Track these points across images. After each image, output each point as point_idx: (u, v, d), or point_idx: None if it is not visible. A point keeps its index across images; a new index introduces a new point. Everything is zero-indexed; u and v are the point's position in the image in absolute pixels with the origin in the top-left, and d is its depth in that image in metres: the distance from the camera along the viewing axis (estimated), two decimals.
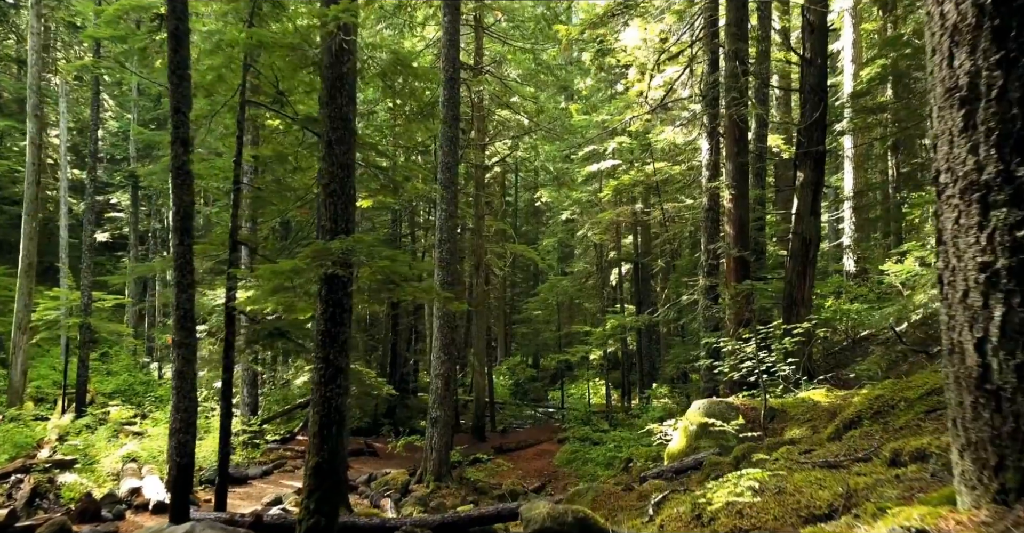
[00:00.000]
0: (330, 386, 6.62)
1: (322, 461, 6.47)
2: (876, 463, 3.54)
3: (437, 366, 14.04)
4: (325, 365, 6.66)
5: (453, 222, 14.29)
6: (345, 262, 6.57)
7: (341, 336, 6.73)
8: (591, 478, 15.52)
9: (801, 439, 6.64)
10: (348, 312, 6.82)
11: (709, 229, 13.06)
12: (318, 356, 6.71)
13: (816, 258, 12.26)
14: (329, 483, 6.48)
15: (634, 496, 6.96)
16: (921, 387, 5.26)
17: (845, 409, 7.17)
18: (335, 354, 6.69)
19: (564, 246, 34.44)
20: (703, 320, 12.67)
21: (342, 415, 6.67)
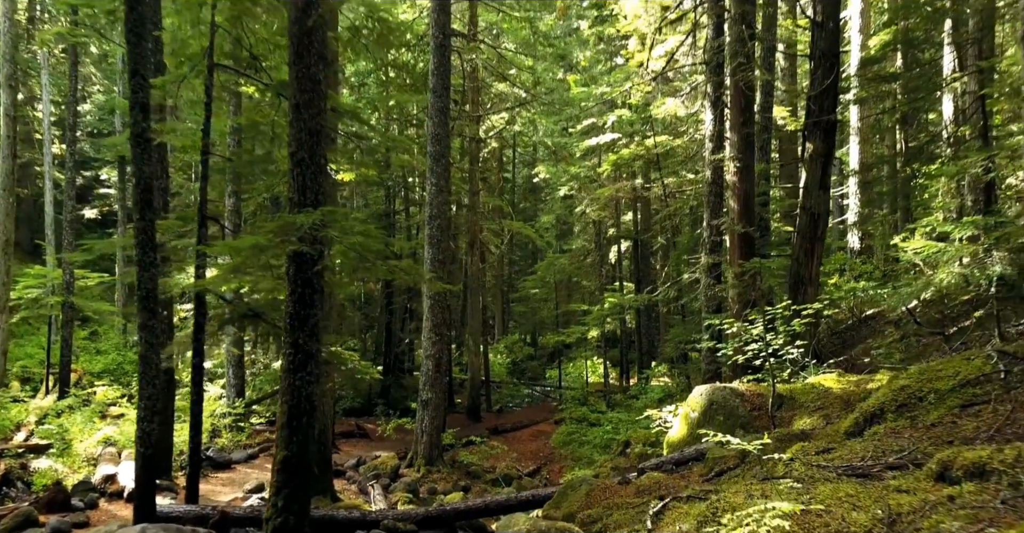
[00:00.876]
0: (300, 374, 6.06)
1: (291, 455, 5.93)
2: (918, 476, 2.98)
3: (428, 347, 13.51)
4: (294, 351, 6.09)
5: (444, 197, 13.66)
6: (313, 238, 5.96)
7: (311, 319, 6.15)
8: (588, 461, 15.08)
9: (814, 431, 6.09)
10: (319, 293, 6.23)
11: (712, 204, 12.43)
12: (287, 341, 6.14)
13: (824, 234, 11.65)
14: (299, 479, 5.95)
15: (631, 492, 6.44)
16: (952, 377, 4.69)
17: (861, 397, 6.63)
18: (305, 338, 6.11)
19: (562, 223, 33.79)
20: (705, 300, 12.10)
21: (313, 405, 6.11)
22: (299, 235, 5.93)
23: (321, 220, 5.92)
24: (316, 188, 6.26)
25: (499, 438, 18.09)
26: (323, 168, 6.33)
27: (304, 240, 6.02)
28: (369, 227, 6.37)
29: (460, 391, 24.78)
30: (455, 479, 13.18)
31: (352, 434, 17.15)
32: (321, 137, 6.37)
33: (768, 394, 7.65)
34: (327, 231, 5.85)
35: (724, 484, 5.59)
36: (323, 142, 6.38)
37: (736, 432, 7.37)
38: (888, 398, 4.93)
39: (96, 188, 33.04)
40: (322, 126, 6.36)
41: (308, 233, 5.94)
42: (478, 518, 7.55)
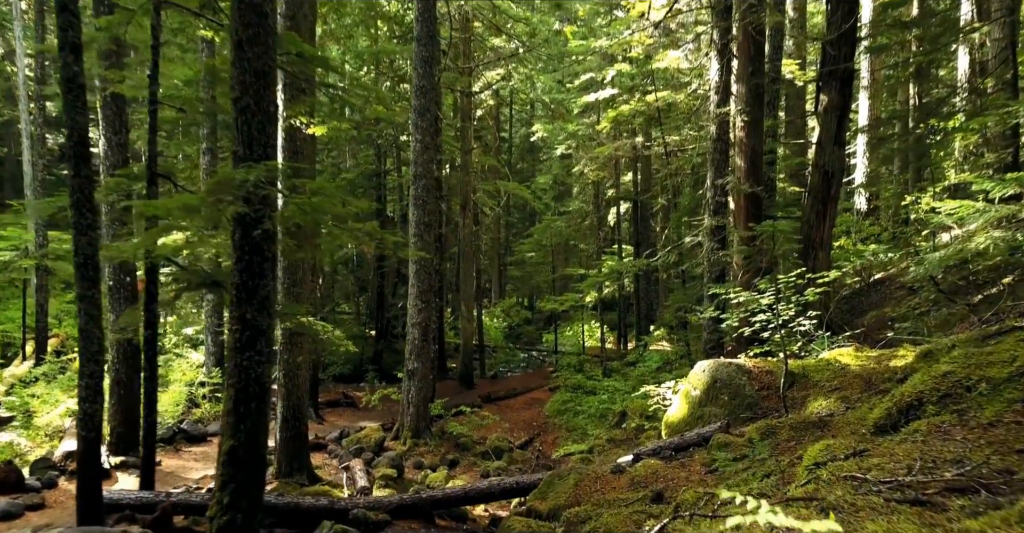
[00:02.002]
0: (248, 353, 5.30)
1: (238, 445, 5.21)
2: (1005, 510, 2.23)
3: (414, 315, 12.78)
4: (241, 326, 5.32)
5: (430, 155, 12.75)
6: (257, 198, 5.14)
7: (261, 290, 5.36)
8: (582, 432, 14.50)
9: (832, 417, 5.36)
10: (270, 261, 5.43)
11: (717, 162, 11.54)
12: (233, 315, 5.37)
13: (839, 194, 10.81)
14: (248, 472, 5.24)
15: (625, 483, 5.75)
16: (1008, 363, 3.93)
17: (884, 377, 5.90)
18: (254, 313, 5.34)
19: (560, 184, 32.84)
20: (707, 265, 11.32)
21: (264, 388, 5.37)
22: (240, 194, 5.11)
23: (267, 177, 5.08)
24: (264, 140, 5.41)
25: (491, 406, 17.50)
26: (272, 117, 5.47)
27: (250, 200, 5.20)
28: (325, 184, 5.55)
29: (454, 355, 24.19)
30: (443, 452, 12.59)
31: (338, 403, 16.55)
32: (270, 80, 5.49)
33: (778, 371, 6.93)
34: (272, 190, 5.02)
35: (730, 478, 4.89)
36: (272, 86, 5.50)
37: (743, 413, 6.67)
38: (928, 386, 4.17)
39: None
40: (270, 67, 5.48)
41: (251, 192, 5.12)
42: (457, 507, 6.90)
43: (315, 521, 6.71)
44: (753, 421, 6.51)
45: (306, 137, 9.71)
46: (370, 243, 5.83)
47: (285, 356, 9.73)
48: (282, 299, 9.72)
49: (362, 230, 5.71)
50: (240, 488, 5.19)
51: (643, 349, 18.33)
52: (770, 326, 7.18)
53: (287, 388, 9.72)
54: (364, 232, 5.72)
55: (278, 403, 9.86)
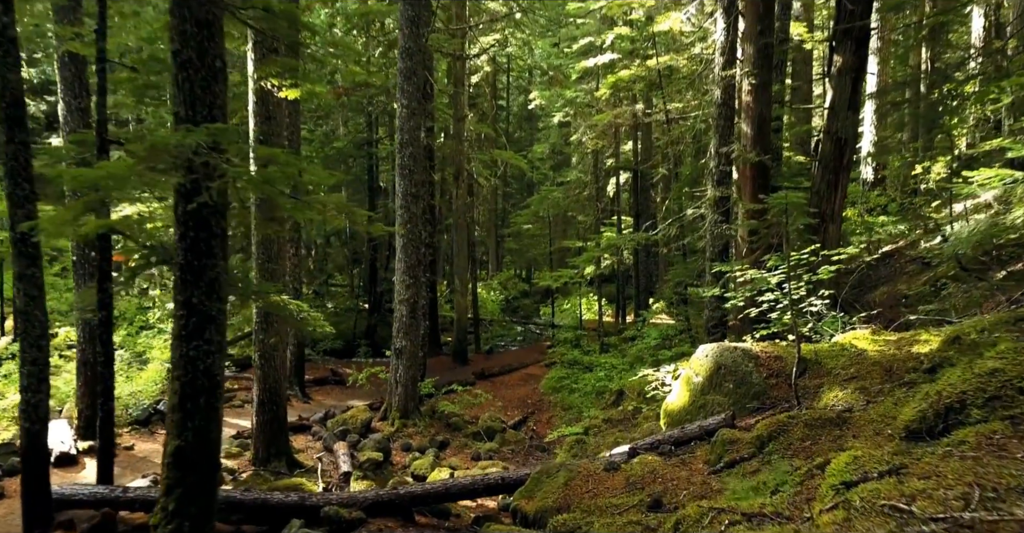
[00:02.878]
0: (195, 342, 4.70)
1: (185, 445, 4.64)
2: None
3: (402, 291, 12.18)
4: (187, 312, 4.72)
5: (416, 121, 12.02)
6: (204, 166, 4.48)
7: (209, 271, 4.74)
8: (578, 411, 14.00)
9: (852, 413, 4.78)
10: (219, 238, 4.80)
11: (721, 129, 10.84)
12: (177, 300, 4.75)
13: (851, 163, 10.15)
14: (197, 475, 4.68)
15: (620, 483, 5.20)
16: None
17: (907, 366, 5.31)
18: (202, 297, 4.72)
19: (558, 153, 31.98)
20: (710, 238, 10.70)
21: (216, 381, 4.78)
22: (179, 162, 4.45)
23: (211, 142, 4.42)
24: (210, 99, 4.74)
25: (485, 383, 17.01)
26: (218, 74, 4.78)
27: (194, 169, 4.55)
28: (276, 152, 4.88)
29: (450, 329, 23.67)
30: (432, 433, 12.10)
31: (325, 381, 16.05)
32: (215, 31, 4.80)
33: (788, 357, 6.34)
34: (217, 157, 4.36)
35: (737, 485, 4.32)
36: (218, 38, 4.81)
37: (749, 403, 6.10)
38: (971, 385, 3.57)
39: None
40: (215, 17, 4.78)
41: (193, 159, 4.46)
42: (438, 503, 6.37)
43: (284, 518, 6.18)
44: (761, 412, 5.95)
45: (279, 101, 8.99)
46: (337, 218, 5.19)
47: (260, 336, 9.16)
48: (256, 276, 9.12)
49: (328, 203, 5.06)
50: (188, 493, 4.63)
51: (642, 324, 17.78)
52: (778, 306, 6.58)
53: (263, 370, 9.16)
54: (330, 205, 5.08)
55: (254, 386, 9.32)
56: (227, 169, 4.24)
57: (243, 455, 9.48)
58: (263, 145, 8.95)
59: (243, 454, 9.50)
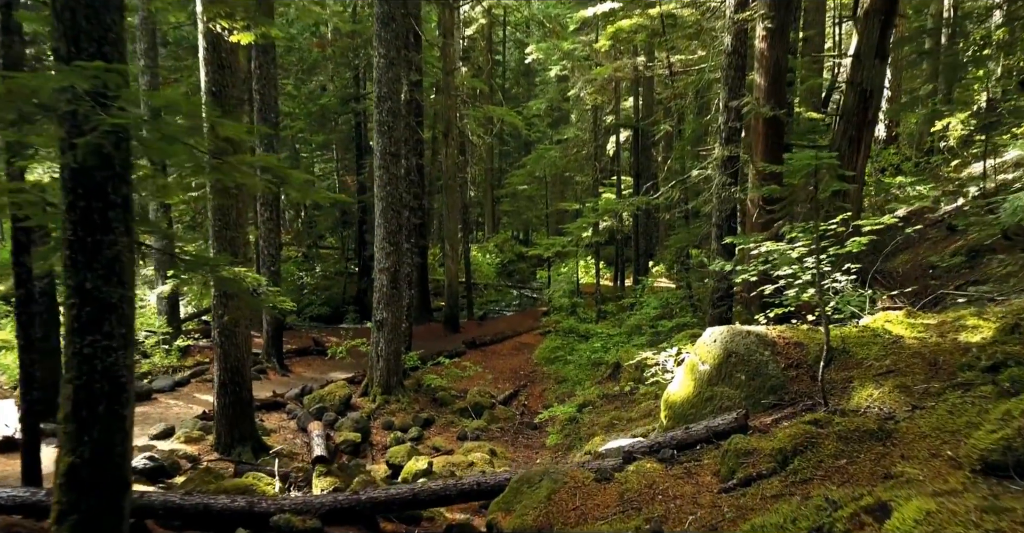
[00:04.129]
0: (91, 336, 3.82)
1: (81, 462, 3.79)
2: None
3: (382, 259, 11.27)
4: (80, 300, 3.82)
5: (396, 72, 10.94)
6: (86, 118, 3.52)
7: (107, 250, 3.83)
8: (573, 384, 13.21)
9: (895, 421, 3.92)
10: (120, 207, 3.87)
11: (731, 80, 9.76)
12: (68, 285, 3.85)
13: (876, 118, 9.15)
14: (97, 497, 3.85)
15: (612, 498, 4.38)
16: None
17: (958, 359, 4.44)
18: (98, 281, 3.82)
19: (556, 110, 30.69)
20: (717, 202, 9.73)
21: (118, 383, 3.91)
22: (65, 111, 3.50)
23: (96, 86, 3.45)
24: (99, 33, 3.75)
25: (476, 353, 16.26)
26: (112, 1, 3.78)
27: (79, 121, 3.59)
28: (176, 97, 3.93)
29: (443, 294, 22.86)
30: (416, 410, 11.35)
31: (308, 351, 15.25)
32: None
33: (810, 344, 5.47)
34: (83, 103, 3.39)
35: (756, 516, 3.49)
36: None
37: (764, 399, 5.25)
38: None
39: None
40: None
41: (73, 105, 3.50)
42: (405, 510, 5.57)
43: (230, 525, 5.41)
44: (779, 409, 5.11)
45: (232, 47, 7.94)
46: (256, 184, 4.24)
47: (219, 311, 8.29)
48: (212, 245, 8.20)
49: (249, 164, 4.12)
50: (86, 520, 3.80)
51: (641, 291, 16.92)
52: (797, 282, 5.68)
53: (223, 348, 8.32)
54: (255, 167, 4.14)
55: (214, 365, 8.49)
56: (101, 119, 3.28)
57: (205, 439, 8.71)
58: (216, 98, 7.95)
59: (205, 438, 8.72)
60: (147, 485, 6.99)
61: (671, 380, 6.52)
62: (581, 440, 9.66)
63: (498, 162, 37.26)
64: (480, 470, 8.33)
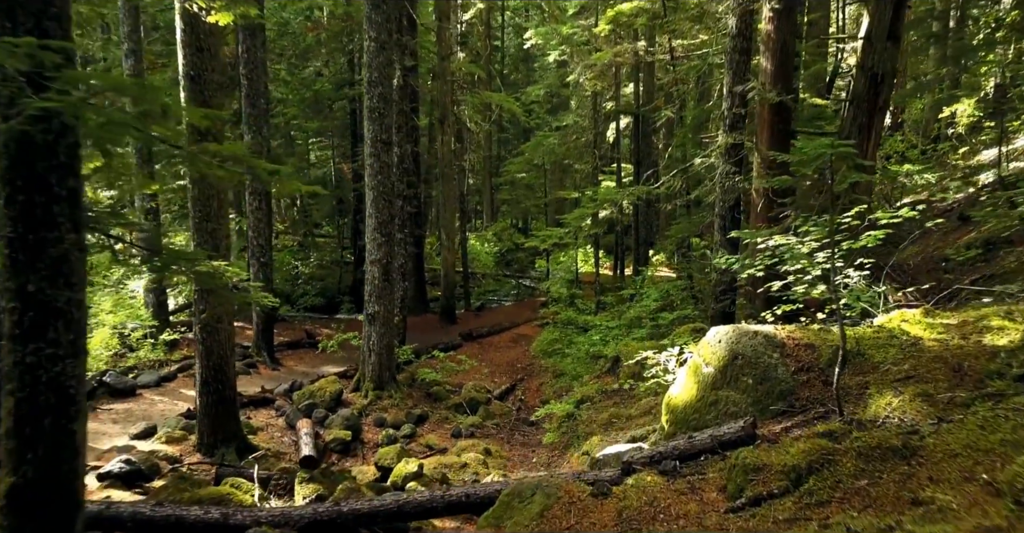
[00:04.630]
0: (34, 344, 3.46)
1: (24, 483, 3.44)
2: None
3: (373, 250, 10.91)
4: (22, 304, 3.46)
5: (387, 56, 10.52)
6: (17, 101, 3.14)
7: (52, 248, 3.47)
8: (571, 378, 12.88)
9: (923, 440, 3.56)
10: (66, 201, 3.50)
11: (736, 64, 9.35)
12: (7, 287, 3.48)
13: (888, 104, 8.75)
14: (42, 522, 3.51)
15: (610, 516, 4.04)
16: None
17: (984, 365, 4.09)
18: (42, 283, 3.46)
19: (555, 96, 30.20)
20: (720, 192, 9.36)
21: (66, 393, 3.56)
22: None
23: (31, 66, 3.06)
24: (38, 6, 3.37)
25: (473, 345, 15.93)
26: None
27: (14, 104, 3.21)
28: (124, 80, 3.54)
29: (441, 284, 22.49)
30: (409, 406, 11.02)
31: (300, 344, 14.91)
32: None
33: (822, 345, 5.11)
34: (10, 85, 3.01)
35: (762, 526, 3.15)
36: None
37: (773, 405, 4.90)
38: None
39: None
40: None
41: (9, 90, 3.12)
42: (390, 523, 5.24)
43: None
44: (788, 416, 4.76)
45: (212, 29, 7.53)
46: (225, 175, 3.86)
47: (200, 306, 7.93)
48: (193, 237, 7.84)
49: (216, 154, 3.75)
50: None
51: (641, 282, 16.56)
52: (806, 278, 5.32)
53: (205, 345, 7.97)
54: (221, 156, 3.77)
55: (196, 362, 8.15)
56: (27, 102, 2.90)
57: (188, 439, 8.37)
58: (194, 83, 7.55)
59: (188, 438, 8.39)
60: (123, 491, 6.67)
61: (672, 382, 6.18)
62: (579, 438, 9.35)
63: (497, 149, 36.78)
64: (473, 472, 8.02)
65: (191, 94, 7.54)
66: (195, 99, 7.54)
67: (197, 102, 7.55)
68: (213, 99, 7.65)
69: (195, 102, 7.54)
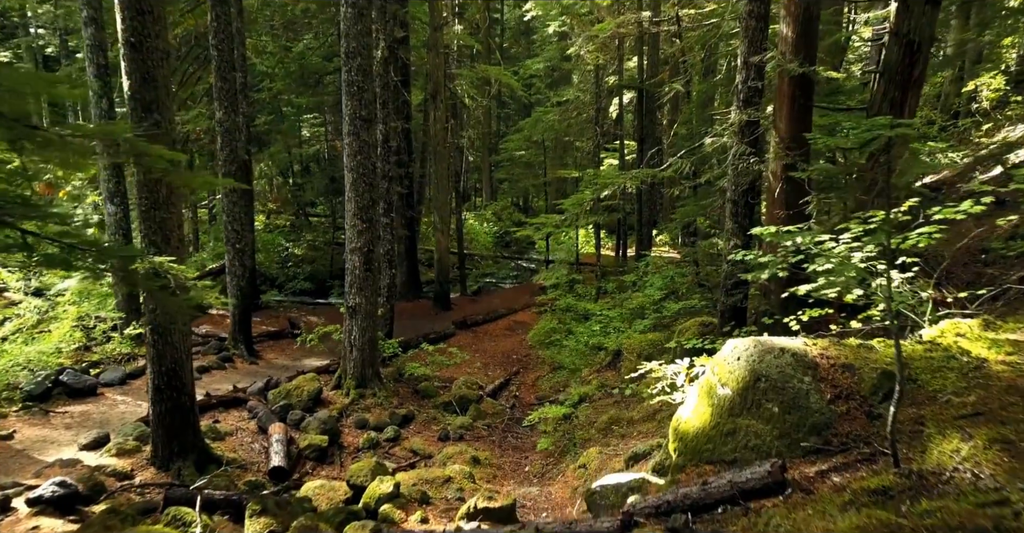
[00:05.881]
0: None
1: None
2: None
3: (353, 237, 10.03)
4: None
5: (366, 24, 9.54)
6: None
7: None
8: (570, 372, 12.09)
9: (1020, 515, 2.71)
10: None
11: (752, 32, 8.35)
12: None
13: (924, 76, 7.79)
14: None
15: None
16: None
17: None
18: None
19: (555, 70, 29.03)
20: (733, 174, 8.43)
21: None
22: None
23: None
24: None
25: (467, 334, 15.13)
26: None
27: None
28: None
29: None
30: (394, 405, 10.23)
31: (283, 334, 14.07)
32: None
33: (862, 366, 4.25)
34: None
35: None
36: None
37: (805, 440, 4.06)
38: None
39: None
40: None
41: None
42: None
43: None
44: (825, 457, 3.92)
45: None
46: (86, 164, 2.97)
47: (151, 306, 7.08)
48: (140, 227, 6.96)
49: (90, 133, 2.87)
50: None
51: (644, 267, 15.65)
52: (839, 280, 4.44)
53: (157, 349, 7.14)
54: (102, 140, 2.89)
55: (147, 367, 7.33)
56: None
57: (142, 450, 7.58)
58: (135, 50, 6.61)
59: (142, 449, 7.59)
60: (56, 518, 5.88)
61: (682, 402, 5.32)
62: (575, 446, 8.55)
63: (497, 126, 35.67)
64: (457, 488, 7.23)
65: (132, 64, 6.61)
66: (137, 70, 6.62)
67: (139, 73, 6.63)
68: (158, 70, 6.71)
69: (137, 73, 6.63)
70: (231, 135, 11.71)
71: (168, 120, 6.97)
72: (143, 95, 6.71)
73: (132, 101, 6.71)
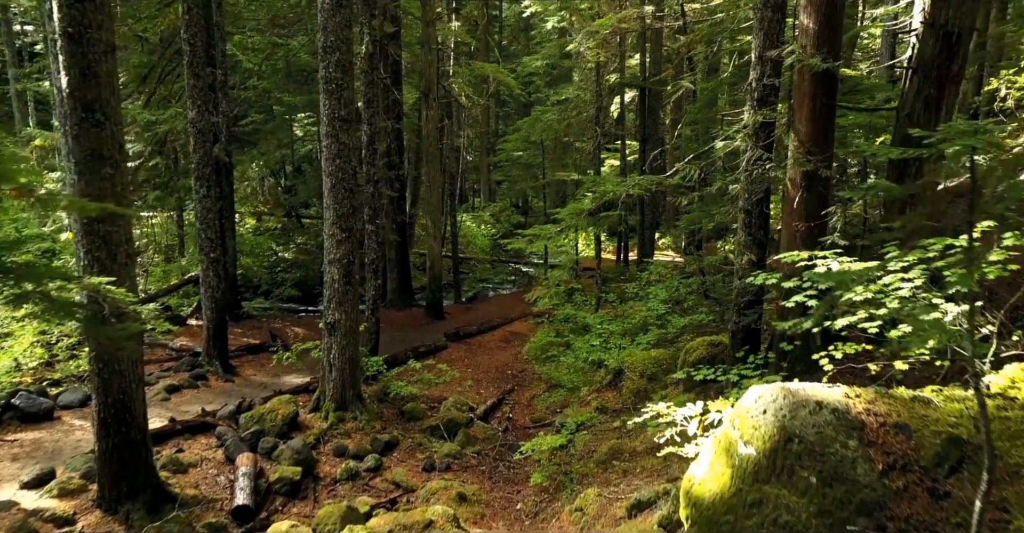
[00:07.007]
0: None
1: None
2: None
3: (331, 248, 9.25)
4: None
5: (345, 16, 8.74)
6: None
7: None
8: (568, 391, 11.31)
9: None
10: None
11: (768, 23, 7.57)
12: None
13: (964, 71, 7.00)
14: None
15: None
16: None
17: None
18: None
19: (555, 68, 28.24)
20: (746, 181, 7.65)
21: None
22: None
23: None
24: None
25: (460, 346, 14.35)
26: None
27: None
28: None
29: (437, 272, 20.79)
30: (377, 429, 9.45)
31: (263, 348, 13.27)
32: None
33: (920, 427, 3.46)
34: None
35: None
36: None
37: (853, 521, 3.27)
38: None
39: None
40: None
41: None
42: None
43: None
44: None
45: None
46: None
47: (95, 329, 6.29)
48: (81, 241, 6.19)
49: None
50: None
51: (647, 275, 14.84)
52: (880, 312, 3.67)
53: (102, 378, 6.37)
54: None
55: (92, 399, 6.55)
56: None
57: (88, 489, 6.80)
58: (73, 41, 5.84)
59: (88, 488, 6.82)
60: None
61: (695, 456, 4.53)
62: (572, 481, 7.76)
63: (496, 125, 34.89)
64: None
65: (70, 58, 5.84)
66: (76, 64, 5.85)
67: (78, 68, 5.86)
68: (100, 64, 5.94)
69: (75, 68, 5.85)
70: (204, 136, 10.92)
71: (114, 122, 6.19)
72: (83, 93, 5.94)
73: (71, 100, 5.94)
